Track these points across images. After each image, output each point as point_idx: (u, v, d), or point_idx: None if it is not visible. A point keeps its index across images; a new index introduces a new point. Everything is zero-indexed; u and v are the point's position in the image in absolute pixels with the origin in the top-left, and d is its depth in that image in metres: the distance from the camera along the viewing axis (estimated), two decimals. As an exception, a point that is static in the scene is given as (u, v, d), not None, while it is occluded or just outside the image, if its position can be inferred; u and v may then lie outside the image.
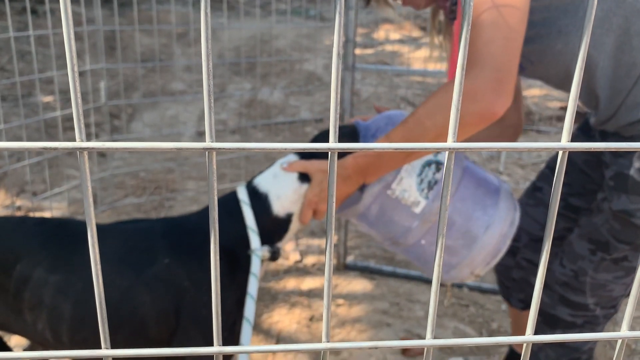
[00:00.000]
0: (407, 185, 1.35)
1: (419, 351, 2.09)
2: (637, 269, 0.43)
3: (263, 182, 1.35)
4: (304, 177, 1.34)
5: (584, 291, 1.38)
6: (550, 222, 0.41)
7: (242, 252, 1.31)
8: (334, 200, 0.39)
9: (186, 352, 0.41)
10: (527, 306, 1.68)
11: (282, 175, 1.33)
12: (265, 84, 5.13)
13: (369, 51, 6.23)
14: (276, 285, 2.54)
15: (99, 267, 0.39)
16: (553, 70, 1.32)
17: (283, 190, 1.33)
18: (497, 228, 1.38)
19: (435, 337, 1.83)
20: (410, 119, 1.20)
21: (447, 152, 0.39)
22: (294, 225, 1.37)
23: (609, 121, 1.30)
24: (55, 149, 0.35)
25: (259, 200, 1.33)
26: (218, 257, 0.40)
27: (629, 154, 1.26)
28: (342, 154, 1.32)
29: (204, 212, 1.39)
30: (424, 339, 1.65)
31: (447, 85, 1.19)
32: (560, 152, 0.40)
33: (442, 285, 2.41)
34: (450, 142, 0.38)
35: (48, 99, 4.20)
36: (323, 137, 1.46)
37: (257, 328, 2.22)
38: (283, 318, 2.29)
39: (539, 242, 1.64)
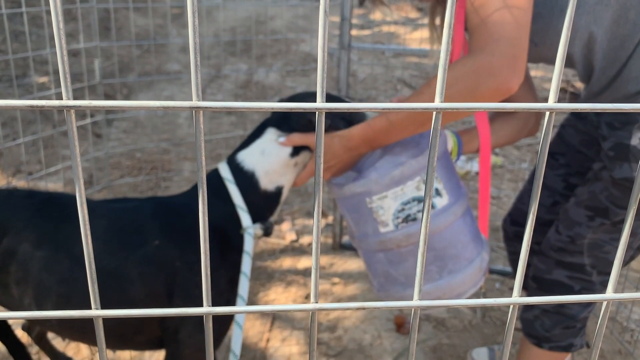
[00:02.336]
0: (387, 206, 1.31)
1: (414, 328, 2.11)
2: (623, 232, 0.43)
3: (248, 159, 1.31)
4: (295, 151, 1.32)
5: (582, 252, 1.40)
6: (537, 185, 0.42)
7: (233, 231, 1.29)
8: (322, 160, 0.39)
9: (175, 313, 0.42)
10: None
11: (271, 150, 1.31)
12: (261, 65, 5.10)
13: (366, 32, 6.19)
14: (272, 264, 2.55)
15: (88, 227, 0.39)
16: (556, 50, 1.32)
17: (272, 165, 1.31)
18: (435, 292, 1.34)
19: (428, 314, 1.83)
20: (417, 97, 1.21)
21: (434, 113, 0.39)
22: (285, 197, 1.37)
23: (603, 93, 1.32)
24: (42, 107, 0.35)
25: (245, 177, 1.30)
26: (207, 219, 0.40)
27: (627, 126, 1.28)
28: (337, 126, 1.33)
29: (193, 192, 1.37)
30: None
31: (455, 63, 1.19)
32: (547, 113, 0.40)
33: None
34: (437, 103, 0.38)
35: (42, 79, 4.17)
36: (301, 98, 1.39)
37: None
38: (279, 296, 2.31)
39: (546, 225, 1.66)
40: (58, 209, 1.29)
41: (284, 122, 1.33)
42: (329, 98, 1.35)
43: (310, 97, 1.37)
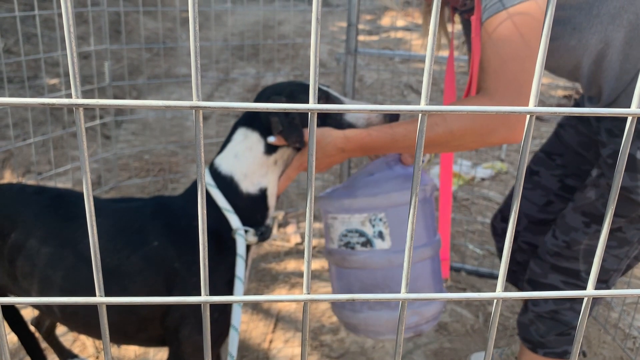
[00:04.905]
0: (336, 226, 1.41)
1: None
2: (602, 229, 0.45)
3: (224, 164, 1.30)
4: (271, 148, 1.29)
5: (577, 258, 1.42)
6: (519, 184, 0.44)
7: (226, 234, 1.30)
8: (314, 158, 0.41)
9: (174, 301, 0.44)
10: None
11: (243, 152, 1.29)
12: (269, 69, 5.14)
13: (374, 38, 6.23)
14: (277, 266, 2.58)
15: (94, 218, 0.42)
16: (563, 63, 1.36)
17: (249, 167, 1.29)
18: (354, 321, 1.45)
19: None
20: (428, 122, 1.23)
21: (419, 115, 0.41)
22: (272, 200, 1.34)
23: (609, 106, 1.34)
24: (53, 104, 0.38)
25: (225, 182, 1.29)
26: (205, 211, 0.43)
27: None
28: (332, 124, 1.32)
29: (187, 194, 1.37)
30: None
31: (474, 101, 1.21)
32: (528, 116, 0.42)
33: None
34: (422, 105, 0.41)
35: (53, 81, 4.23)
36: (271, 90, 1.34)
37: (258, 308, 2.26)
38: (282, 298, 2.33)
39: (538, 224, 1.68)
40: (66, 206, 1.32)
41: (253, 119, 1.31)
42: (306, 87, 1.32)
43: (274, 89, 1.34)
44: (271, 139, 1.27)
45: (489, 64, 1.19)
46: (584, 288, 1.45)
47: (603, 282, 1.45)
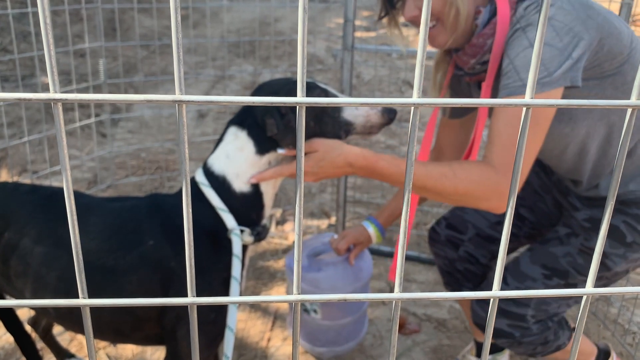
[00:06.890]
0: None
1: (414, 329, 2.12)
2: (602, 230, 0.44)
3: (217, 164, 1.29)
4: (263, 148, 1.28)
5: (528, 305, 1.47)
6: (514, 185, 0.42)
7: (222, 234, 1.29)
8: (302, 154, 0.40)
9: (160, 303, 0.43)
10: None
11: (234, 153, 1.28)
12: (266, 66, 5.12)
13: (371, 34, 6.20)
14: (275, 264, 2.56)
15: (75, 216, 0.40)
16: (553, 146, 1.41)
17: (241, 168, 1.28)
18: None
19: (429, 315, 1.83)
20: (435, 170, 1.24)
21: (412, 108, 0.40)
22: (267, 199, 1.33)
23: (589, 190, 1.47)
24: (29, 99, 0.36)
25: (218, 182, 1.28)
26: (190, 210, 0.41)
27: (599, 206, 1.44)
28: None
29: (181, 193, 1.36)
30: (419, 315, 1.69)
31: (479, 166, 1.24)
32: (524, 109, 0.41)
33: None
34: (415, 98, 0.39)
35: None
36: (268, 87, 1.33)
37: (255, 306, 2.25)
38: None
39: (484, 239, 1.74)
40: (60, 205, 1.31)
41: (245, 118, 1.29)
42: (293, 84, 1.30)
43: (271, 87, 1.32)
44: (280, 151, 1.27)
45: (499, 137, 1.23)
46: (528, 329, 1.48)
47: (542, 321, 1.49)
